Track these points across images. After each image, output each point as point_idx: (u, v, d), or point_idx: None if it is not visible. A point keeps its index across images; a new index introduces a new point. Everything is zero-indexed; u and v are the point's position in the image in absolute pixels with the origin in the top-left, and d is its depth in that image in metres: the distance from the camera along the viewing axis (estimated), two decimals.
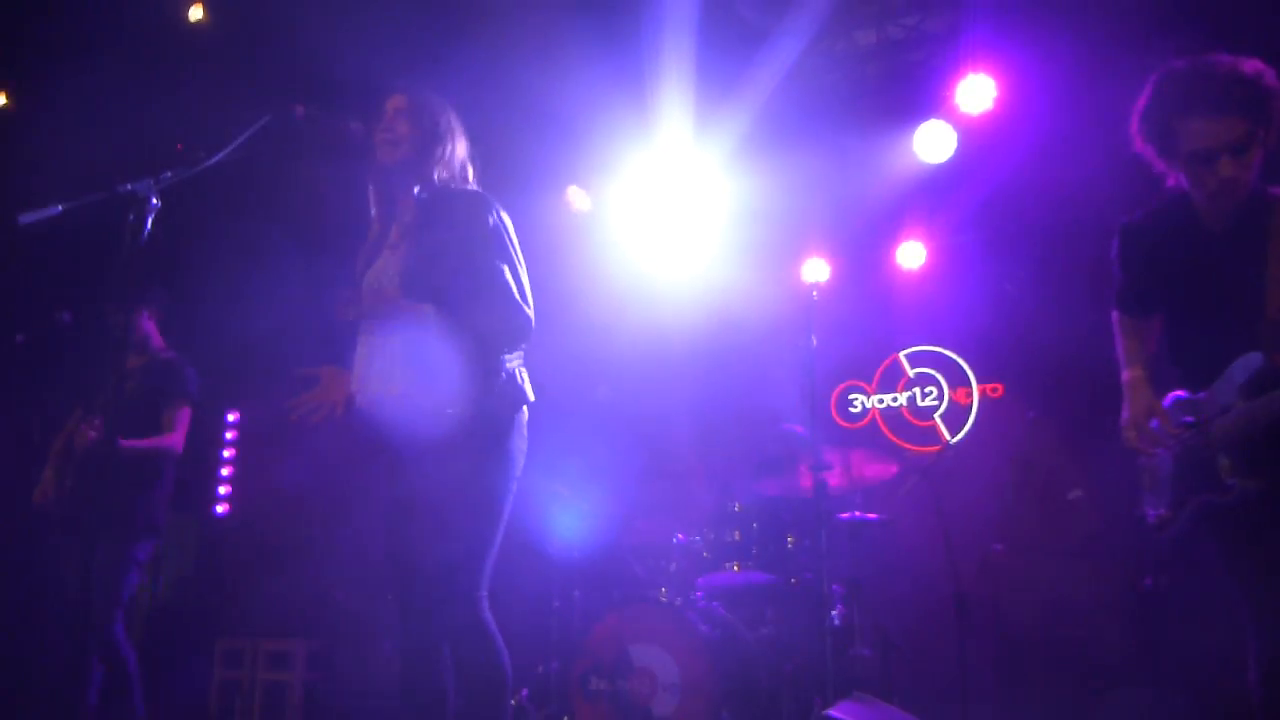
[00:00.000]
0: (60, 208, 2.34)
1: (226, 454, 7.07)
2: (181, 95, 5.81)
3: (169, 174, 2.47)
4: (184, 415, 4.34)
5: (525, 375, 2.86)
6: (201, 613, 6.33)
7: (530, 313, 2.80)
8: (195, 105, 5.61)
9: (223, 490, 7.00)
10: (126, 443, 4.08)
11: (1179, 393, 2.76)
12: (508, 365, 2.79)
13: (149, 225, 2.42)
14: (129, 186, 2.38)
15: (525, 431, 2.85)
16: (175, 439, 4.30)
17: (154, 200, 2.41)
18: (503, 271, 2.76)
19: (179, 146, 5.69)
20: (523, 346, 2.84)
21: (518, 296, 2.77)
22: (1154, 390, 2.79)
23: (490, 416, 2.70)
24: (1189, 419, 2.69)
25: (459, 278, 2.73)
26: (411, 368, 2.67)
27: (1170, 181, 2.72)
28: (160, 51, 5.98)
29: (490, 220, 2.80)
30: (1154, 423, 2.69)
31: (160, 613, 6.48)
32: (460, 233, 2.77)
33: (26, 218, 2.31)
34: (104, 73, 5.70)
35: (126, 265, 2.39)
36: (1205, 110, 2.51)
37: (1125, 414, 2.79)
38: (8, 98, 6.45)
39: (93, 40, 5.70)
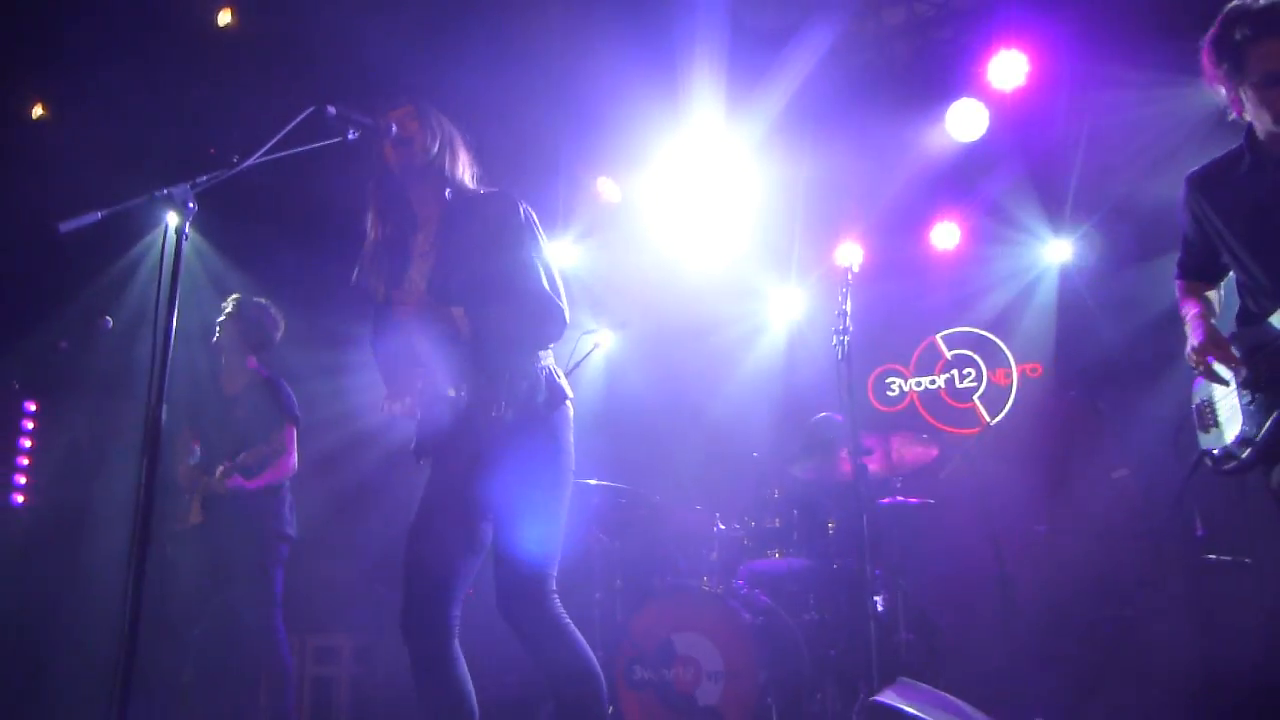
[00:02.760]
0: (100, 214, 2.36)
1: None
2: (213, 99, 5.86)
3: (205, 178, 2.48)
4: (291, 435, 4.51)
5: (560, 373, 2.84)
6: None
7: (564, 306, 2.76)
8: (228, 109, 5.66)
9: None
10: (252, 483, 4.34)
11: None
12: (541, 363, 2.76)
13: (187, 230, 2.43)
14: (166, 191, 2.39)
15: (571, 427, 2.82)
16: (290, 462, 4.49)
17: (191, 204, 2.42)
18: (534, 270, 2.73)
19: (211, 150, 5.74)
20: (556, 342, 2.82)
21: (550, 293, 2.73)
22: (1214, 326, 2.86)
23: (536, 415, 2.69)
24: (1252, 347, 2.74)
25: (490, 279, 2.70)
26: (453, 372, 2.67)
27: (1236, 111, 2.75)
28: (190, 57, 6.04)
29: (518, 218, 2.77)
30: (1215, 352, 2.77)
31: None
32: (489, 234, 2.74)
33: (67, 225, 2.32)
34: (135, 80, 5.76)
35: (171, 273, 2.40)
36: (1276, 32, 2.58)
37: (1190, 344, 2.86)
38: (44, 108, 6.54)
39: (123, 49, 5.76)
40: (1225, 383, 2.80)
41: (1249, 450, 2.71)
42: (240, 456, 4.29)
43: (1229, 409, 2.83)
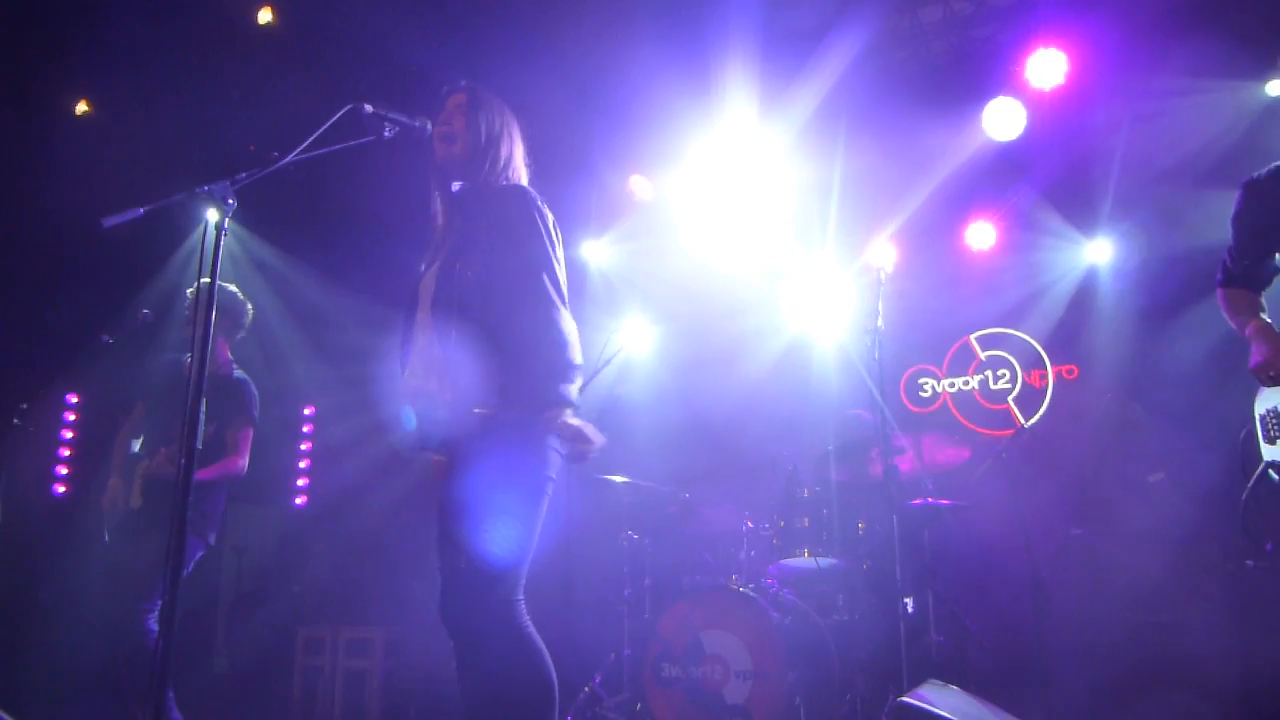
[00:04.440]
0: (142, 210, 2.41)
1: (303, 447, 7.23)
2: (254, 96, 5.93)
3: (244, 175, 2.52)
4: (247, 436, 4.39)
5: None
6: (283, 602, 6.50)
7: (562, 314, 2.69)
8: (267, 106, 5.73)
9: (300, 483, 7.17)
10: (200, 474, 4.14)
11: None
12: (541, 367, 2.66)
13: (227, 226, 2.48)
14: (207, 188, 2.44)
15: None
16: (240, 462, 4.36)
17: (231, 201, 2.46)
18: (537, 272, 2.69)
19: (251, 148, 5.82)
20: (557, 345, 2.69)
21: (553, 297, 2.68)
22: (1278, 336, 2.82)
23: (519, 419, 2.61)
24: None
25: (493, 277, 2.68)
26: (444, 368, 2.64)
27: None
28: (232, 54, 6.12)
29: (528, 218, 2.73)
30: None
31: (243, 603, 6.68)
32: (496, 230, 2.72)
33: (110, 221, 2.38)
34: (178, 77, 5.85)
35: (210, 266, 2.44)
36: None
37: (1256, 359, 2.81)
38: (88, 105, 6.65)
39: (166, 46, 5.85)
40: None
41: None
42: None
43: None
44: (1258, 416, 2.92)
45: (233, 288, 4.56)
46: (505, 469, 2.60)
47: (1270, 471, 2.83)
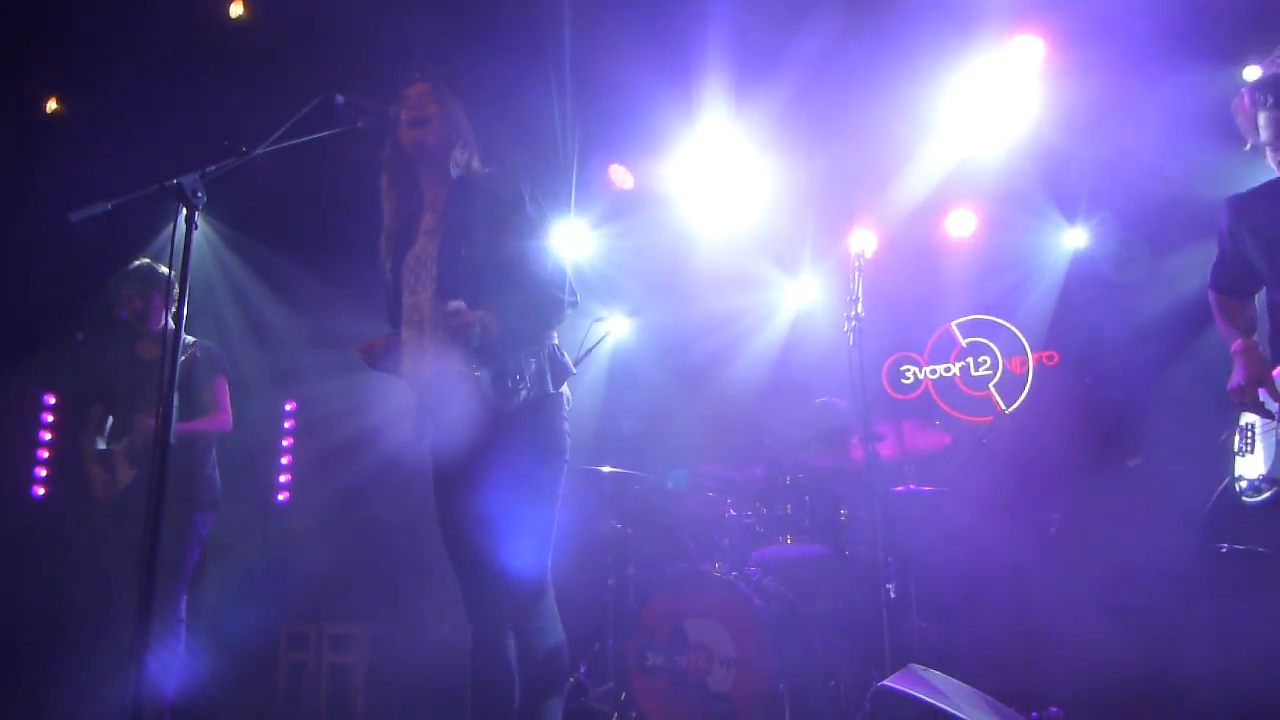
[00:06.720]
0: (110, 205, 2.38)
1: (285, 443, 7.19)
2: (225, 91, 5.88)
3: (214, 167, 2.50)
4: (223, 389, 4.43)
5: (563, 352, 2.88)
6: (266, 598, 6.46)
7: (569, 284, 2.80)
8: (239, 101, 5.67)
9: (283, 479, 7.13)
10: (183, 427, 4.17)
11: None
12: (548, 343, 2.80)
13: (197, 219, 2.46)
14: (176, 181, 2.42)
15: (568, 408, 2.86)
16: (225, 417, 4.41)
17: (200, 194, 2.44)
18: (537, 251, 2.77)
19: (226, 143, 5.76)
20: (559, 323, 2.85)
21: (553, 275, 2.78)
22: (1262, 359, 2.87)
23: (544, 394, 2.72)
24: None
25: (494, 259, 2.73)
26: (453, 353, 2.67)
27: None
28: (204, 49, 6.06)
29: (524, 198, 2.81)
30: (1263, 391, 2.79)
31: (226, 599, 6.64)
32: (495, 213, 2.78)
33: (77, 215, 2.35)
34: (149, 73, 5.79)
35: (181, 259, 2.43)
36: None
37: (1235, 380, 2.87)
38: (59, 102, 6.58)
39: (137, 42, 5.78)
40: (1270, 416, 2.80)
41: (1274, 489, 2.72)
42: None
43: (1270, 442, 2.81)
44: (1238, 426, 2.98)
45: (163, 268, 4.54)
46: (523, 452, 2.66)
47: (1235, 485, 2.91)
